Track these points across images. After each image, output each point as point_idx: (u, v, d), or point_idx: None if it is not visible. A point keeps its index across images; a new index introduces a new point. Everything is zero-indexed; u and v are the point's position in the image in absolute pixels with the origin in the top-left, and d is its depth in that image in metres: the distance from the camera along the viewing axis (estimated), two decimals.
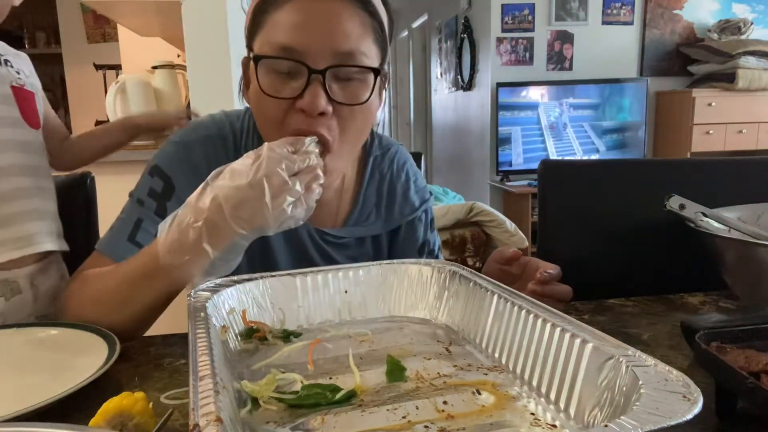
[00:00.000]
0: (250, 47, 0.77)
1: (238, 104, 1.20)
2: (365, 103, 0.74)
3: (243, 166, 0.64)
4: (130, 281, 0.72)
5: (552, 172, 1.17)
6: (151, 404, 0.49)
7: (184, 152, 0.84)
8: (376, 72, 0.74)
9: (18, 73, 0.98)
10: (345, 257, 0.91)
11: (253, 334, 0.65)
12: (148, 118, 0.99)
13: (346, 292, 0.73)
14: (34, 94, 1.01)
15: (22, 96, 0.98)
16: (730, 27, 4.14)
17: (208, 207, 0.63)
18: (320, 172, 0.67)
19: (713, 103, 4.04)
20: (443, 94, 5.84)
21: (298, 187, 0.64)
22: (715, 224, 0.83)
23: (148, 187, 0.83)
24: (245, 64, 0.80)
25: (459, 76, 5.00)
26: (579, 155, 4.19)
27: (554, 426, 0.47)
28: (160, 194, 0.82)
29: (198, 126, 0.88)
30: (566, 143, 4.21)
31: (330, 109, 0.72)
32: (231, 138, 0.86)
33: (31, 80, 1.02)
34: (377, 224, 0.93)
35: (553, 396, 0.50)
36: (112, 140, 1.16)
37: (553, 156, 4.16)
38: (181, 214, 0.66)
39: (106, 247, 0.82)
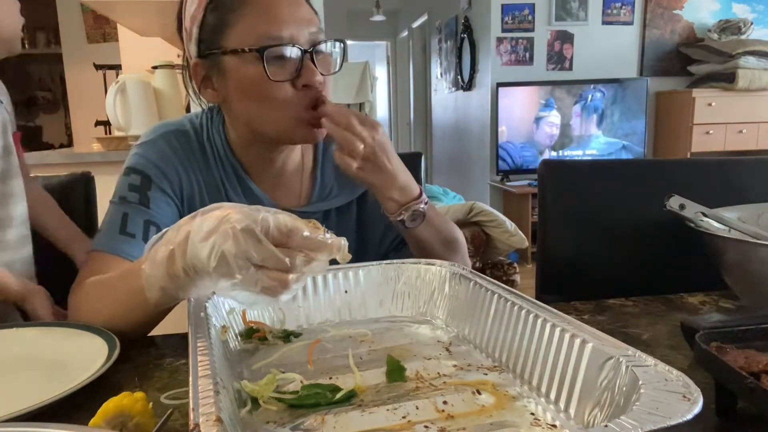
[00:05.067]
0: (215, 46, 0.83)
1: None
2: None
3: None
4: (133, 294, 0.71)
5: (552, 172, 1.17)
6: (151, 404, 0.49)
7: (152, 148, 0.90)
8: (344, 43, 0.90)
9: (7, 110, 0.96)
10: None
11: (253, 334, 0.65)
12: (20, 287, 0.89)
13: (346, 292, 0.73)
14: (20, 134, 1.00)
15: (16, 140, 0.97)
16: (730, 27, 4.14)
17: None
18: (293, 285, 0.56)
19: (713, 103, 4.04)
20: (443, 94, 5.84)
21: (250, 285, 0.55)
22: (715, 224, 0.83)
23: (127, 184, 0.87)
24: (205, 66, 0.85)
25: (459, 76, 5.00)
26: (579, 155, 4.20)
27: (554, 426, 0.47)
28: (140, 186, 0.87)
29: (157, 127, 0.94)
30: (566, 143, 4.22)
31: (323, 79, 0.84)
32: (192, 132, 0.93)
33: (8, 107, 0.98)
34: (341, 197, 0.97)
35: (553, 396, 0.50)
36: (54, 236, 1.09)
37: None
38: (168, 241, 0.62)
39: (103, 245, 0.84)
